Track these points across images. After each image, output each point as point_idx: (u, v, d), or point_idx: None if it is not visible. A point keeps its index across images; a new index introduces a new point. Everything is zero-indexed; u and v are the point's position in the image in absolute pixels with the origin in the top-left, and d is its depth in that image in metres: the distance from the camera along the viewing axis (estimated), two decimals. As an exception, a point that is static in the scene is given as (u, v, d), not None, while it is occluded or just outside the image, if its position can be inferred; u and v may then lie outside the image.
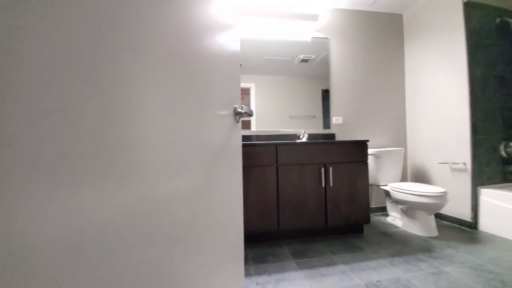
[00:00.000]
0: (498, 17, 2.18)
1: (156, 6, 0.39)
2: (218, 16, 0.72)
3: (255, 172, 1.76)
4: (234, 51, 0.92)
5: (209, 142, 0.62)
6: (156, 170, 0.39)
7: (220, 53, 0.73)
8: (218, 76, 0.71)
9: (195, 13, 0.55)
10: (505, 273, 1.38)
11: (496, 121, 2.14)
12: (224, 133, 0.75)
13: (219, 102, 0.71)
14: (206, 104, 0.60)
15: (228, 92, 0.81)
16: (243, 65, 2.36)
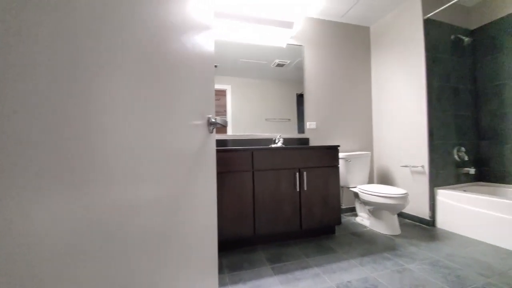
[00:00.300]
0: (453, 34, 2.40)
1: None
2: (192, 16, 0.69)
3: (231, 177, 1.73)
4: (208, 57, 0.89)
5: (181, 152, 0.59)
6: (121, 177, 0.35)
7: (193, 59, 0.70)
8: (191, 83, 0.68)
9: (167, 11, 0.52)
10: (460, 268, 1.51)
11: (450, 128, 2.35)
12: (197, 143, 0.72)
13: (192, 111, 0.68)
14: (177, 112, 0.57)
15: (201, 101, 0.78)
16: (219, 66, 2.33)
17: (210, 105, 0.89)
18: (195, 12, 0.73)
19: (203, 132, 0.79)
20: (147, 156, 0.43)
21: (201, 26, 0.79)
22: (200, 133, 0.75)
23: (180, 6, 0.60)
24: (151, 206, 0.45)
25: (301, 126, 2.61)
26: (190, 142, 0.66)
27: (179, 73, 0.58)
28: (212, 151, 0.88)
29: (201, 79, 0.78)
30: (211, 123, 0.83)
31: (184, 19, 0.63)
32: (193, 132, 0.68)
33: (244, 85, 2.43)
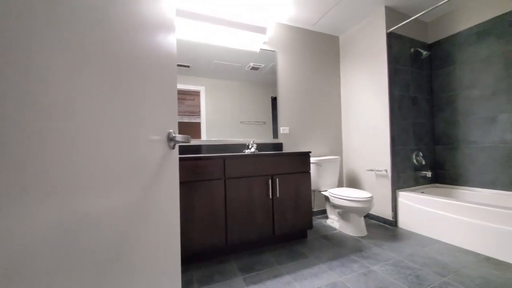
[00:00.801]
0: (413, 47, 2.56)
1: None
2: (149, 15, 0.62)
3: (202, 186, 1.66)
4: (170, 62, 0.82)
5: (132, 174, 0.53)
6: (74, 187, 0.32)
7: (150, 63, 0.63)
8: (146, 92, 0.62)
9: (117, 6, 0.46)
10: (420, 268, 1.60)
11: (409, 134, 2.49)
12: (154, 162, 0.65)
13: (147, 125, 0.61)
14: (128, 125, 0.50)
15: (159, 112, 0.71)
16: (192, 67, 2.23)
17: (171, 117, 0.83)
18: (153, 9, 0.66)
19: (162, 148, 0.72)
20: (88, 177, 0.37)
21: (160, 27, 0.72)
22: (157, 151, 0.68)
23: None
24: (101, 220, 0.39)
25: (276, 129, 2.61)
26: (144, 161, 0.59)
27: (130, 79, 0.52)
28: (174, 169, 0.81)
29: (160, 86, 0.71)
30: (171, 138, 0.77)
31: (140, 17, 0.56)
32: (148, 150, 0.61)
33: (219, 87, 2.36)
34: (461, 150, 2.45)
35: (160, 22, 0.72)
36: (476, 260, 1.67)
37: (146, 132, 0.60)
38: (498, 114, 2.15)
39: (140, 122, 0.57)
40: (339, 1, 2.31)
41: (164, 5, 0.77)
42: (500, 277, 1.46)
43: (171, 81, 0.83)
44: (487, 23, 2.21)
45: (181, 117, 2.19)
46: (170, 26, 0.82)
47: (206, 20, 2.10)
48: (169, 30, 0.82)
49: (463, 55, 2.40)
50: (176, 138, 0.73)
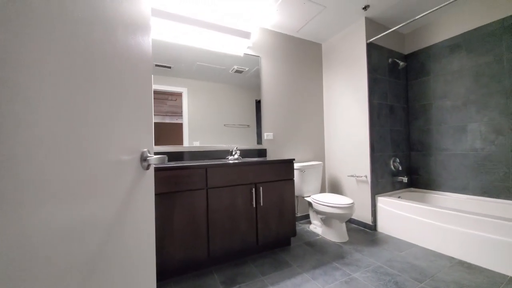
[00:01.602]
0: (391, 58, 2.61)
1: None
2: (120, 12, 0.54)
3: (183, 197, 1.56)
4: (144, 69, 0.74)
5: (97, 200, 0.44)
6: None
7: (124, 74, 0.55)
8: (118, 105, 0.53)
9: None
10: (398, 274, 1.60)
11: (386, 141, 2.54)
12: (123, 186, 0.57)
13: (116, 142, 0.52)
14: (88, 142, 0.41)
15: (133, 129, 0.62)
16: (173, 67, 2.11)
17: (146, 134, 0.74)
18: (123, 8, 0.57)
19: (134, 170, 0.63)
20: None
21: (134, 28, 0.63)
22: (128, 173, 0.59)
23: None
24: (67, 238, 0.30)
25: (260, 133, 2.55)
26: (110, 187, 0.50)
27: (93, 88, 0.43)
28: (147, 193, 0.72)
29: (133, 97, 0.63)
30: (145, 158, 0.68)
31: (110, 16, 0.48)
32: (115, 172, 0.52)
33: (202, 89, 2.25)
34: (434, 156, 2.53)
35: (134, 23, 0.64)
36: (450, 264, 1.71)
37: (113, 152, 0.51)
38: (468, 123, 2.24)
39: (106, 140, 0.48)
40: (322, 10, 2.30)
41: (138, 6, 0.68)
42: (472, 281, 1.50)
43: (145, 91, 0.74)
44: (459, 37, 2.30)
45: (163, 118, 2.06)
46: (145, 28, 0.73)
47: (187, 22, 1.99)
48: (144, 32, 0.73)
49: (437, 66, 2.49)
50: (150, 161, 0.64)
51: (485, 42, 2.11)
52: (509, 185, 1.99)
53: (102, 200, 0.46)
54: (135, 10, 0.66)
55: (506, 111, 2.00)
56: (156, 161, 0.65)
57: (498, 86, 2.04)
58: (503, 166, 2.02)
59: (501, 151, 2.03)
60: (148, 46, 0.76)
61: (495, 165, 2.07)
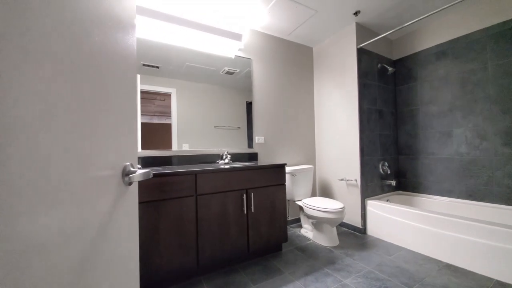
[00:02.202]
0: (380, 63, 2.62)
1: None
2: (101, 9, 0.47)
3: (170, 205, 1.48)
4: (129, 75, 0.67)
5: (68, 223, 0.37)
6: None
7: (104, 78, 0.48)
8: (97, 113, 0.47)
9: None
10: (388, 279, 1.59)
11: (376, 145, 2.55)
12: (102, 206, 0.50)
13: (94, 155, 0.46)
14: (60, 156, 0.35)
15: (114, 141, 0.56)
16: (162, 67, 2.02)
17: (130, 145, 0.67)
18: (105, 6, 0.51)
19: (114, 186, 0.56)
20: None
21: (117, 27, 0.57)
22: (106, 190, 0.52)
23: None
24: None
25: (250, 135, 2.49)
26: (85, 206, 0.44)
27: (68, 93, 0.36)
28: (131, 210, 0.65)
29: (114, 102, 0.56)
30: (127, 173, 0.61)
31: (89, 14, 0.41)
32: (91, 190, 0.45)
33: (191, 89, 2.17)
34: (421, 160, 2.56)
35: (117, 21, 0.57)
36: (438, 267, 1.72)
37: (90, 167, 0.44)
38: (454, 129, 2.28)
39: (83, 153, 0.41)
40: (314, 15, 2.28)
41: (121, 3, 0.61)
42: (460, 284, 1.51)
43: (129, 96, 0.67)
44: (445, 44, 2.34)
45: (151, 118, 1.97)
46: (129, 26, 0.66)
47: (176, 22, 1.91)
48: (128, 30, 0.66)
49: (424, 72, 2.52)
50: (133, 178, 0.57)
51: (470, 49, 2.16)
52: (493, 189, 2.03)
53: (76, 221, 0.39)
54: (118, 8, 0.59)
55: (490, 117, 2.04)
56: (139, 177, 0.59)
57: (482, 92, 2.08)
58: (487, 171, 2.06)
59: (485, 156, 2.07)
60: (132, 45, 0.69)
61: (480, 169, 2.11)
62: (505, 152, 1.96)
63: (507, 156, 1.95)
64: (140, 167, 1.80)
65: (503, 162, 1.97)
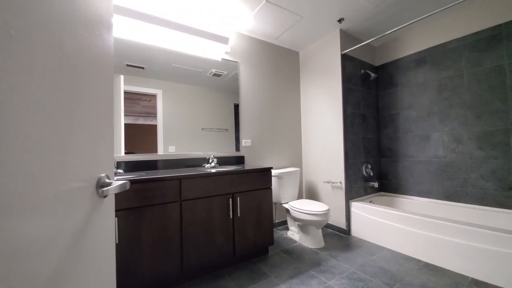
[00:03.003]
0: (363, 69, 2.68)
1: None
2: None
3: (153, 212, 1.44)
4: (106, 71, 0.64)
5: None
6: None
7: (76, 79, 0.45)
8: (69, 117, 0.44)
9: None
10: (370, 279, 1.62)
11: (359, 148, 2.60)
12: (72, 222, 0.47)
13: (65, 166, 0.43)
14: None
15: (87, 149, 0.53)
16: (146, 68, 1.96)
17: (105, 153, 0.63)
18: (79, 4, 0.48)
19: (87, 200, 0.53)
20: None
21: (92, 23, 0.54)
22: (78, 204, 0.49)
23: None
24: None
25: (238, 137, 2.47)
26: (53, 221, 0.40)
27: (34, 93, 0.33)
28: (106, 227, 0.62)
29: (88, 107, 0.53)
30: (102, 184, 0.58)
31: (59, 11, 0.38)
32: (60, 203, 0.42)
33: (178, 91, 2.13)
34: (402, 163, 2.64)
35: (92, 20, 0.54)
36: (417, 267, 1.77)
37: (58, 179, 0.41)
38: (432, 133, 2.37)
39: (52, 164, 0.38)
40: (299, 20, 2.30)
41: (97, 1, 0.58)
42: (438, 283, 1.56)
43: (106, 101, 0.64)
44: (424, 52, 2.43)
45: (136, 118, 1.91)
46: (105, 25, 0.63)
47: (161, 24, 1.86)
48: (104, 29, 0.63)
49: (404, 78, 2.61)
50: (108, 191, 0.54)
51: (447, 57, 2.25)
52: (468, 190, 2.12)
53: (45, 235, 0.36)
54: (93, 6, 0.56)
55: (465, 122, 2.13)
56: (115, 190, 0.56)
57: (458, 99, 2.18)
58: (463, 173, 2.16)
59: (461, 159, 2.16)
60: (109, 45, 0.66)
61: (456, 172, 2.20)
62: (479, 155, 2.05)
63: (481, 159, 2.04)
64: (122, 172, 1.74)
65: (477, 164, 2.07)
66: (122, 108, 1.85)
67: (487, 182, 2.01)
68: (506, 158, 1.91)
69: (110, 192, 0.55)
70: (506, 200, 1.91)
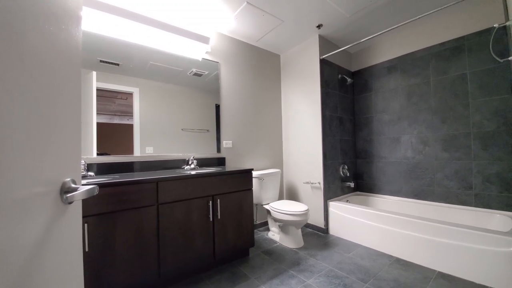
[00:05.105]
0: (340, 74, 2.78)
1: None
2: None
3: (128, 216, 1.36)
4: (72, 66, 0.59)
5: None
6: None
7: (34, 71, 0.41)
8: (26, 115, 0.39)
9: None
10: (347, 276, 1.67)
11: (336, 150, 2.68)
12: (35, 228, 0.42)
13: (23, 169, 0.38)
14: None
15: (50, 150, 0.48)
16: (122, 65, 1.85)
17: (71, 155, 0.58)
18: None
19: (50, 207, 0.48)
20: None
21: (56, 14, 0.49)
22: (37, 212, 0.44)
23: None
24: None
25: (219, 138, 2.43)
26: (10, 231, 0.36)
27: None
28: (72, 235, 0.56)
29: (50, 104, 0.48)
30: (67, 190, 0.53)
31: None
32: (20, 211, 0.38)
33: (156, 89, 2.03)
34: (375, 163, 2.77)
35: (56, 10, 0.49)
36: (389, 262, 1.86)
37: (18, 183, 0.37)
38: (402, 135, 2.51)
39: (8, 167, 0.34)
40: (280, 24, 2.32)
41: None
42: (408, 277, 1.64)
43: (72, 99, 0.58)
44: (395, 60, 2.57)
45: (111, 117, 1.80)
46: (72, 18, 0.58)
47: (137, 19, 1.76)
48: (71, 22, 0.57)
49: (377, 84, 2.74)
50: (74, 197, 0.49)
51: (415, 66, 2.40)
52: (434, 189, 2.28)
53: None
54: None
55: (431, 126, 2.29)
56: (81, 196, 0.51)
57: (425, 104, 2.33)
58: (429, 173, 2.31)
59: (428, 160, 2.32)
60: (76, 40, 0.60)
61: (423, 172, 2.35)
62: (444, 156, 2.21)
63: (446, 160, 2.20)
64: (93, 175, 1.62)
65: (442, 165, 2.22)
66: (94, 106, 1.73)
67: (451, 182, 2.17)
68: (467, 159, 2.07)
69: (75, 198, 0.51)
70: (468, 198, 2.08)
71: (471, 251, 1.55)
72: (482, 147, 1.99)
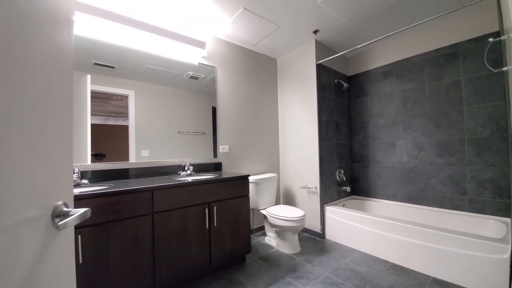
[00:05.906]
0: (336, 79, 2.79)
1: None
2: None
3: (123, 226, 1.34)
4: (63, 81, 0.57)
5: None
6: None
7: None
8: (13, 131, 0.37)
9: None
10: (343, 283, 1.67)
11: (333, 154, 2.69)
12: (25, 256, 0.40)
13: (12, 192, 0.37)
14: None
15: (40, 171, 0.46)
16: (117, 68, 1.83)
17: (63, 174, 0.57)
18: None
19: (39, 233, 0.46)
20: None
21: (48, 18, 0.47)
22: (27, 238, 0.43)
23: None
24: None
25: (216, 141, 2.41)
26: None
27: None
28: (65, 262, 0.55)
29: (41, 120, 0.46)
30: (60, 214, 0.51)
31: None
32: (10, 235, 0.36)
33: (152, 92, 2.01)
34: (371, 168, 2.79)
35: (48, 15, 0.47)
36: (385, 268, 1.87)
37: (5, 208, 0.35)
38: (397, 140, 2.53)
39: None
40: (277, 29, 2.32)
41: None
42: (404, 284, 1.65)
43: (64, 111, 0.57)
44: (390, 65, 2.59)
45: (106, 118, 1.77)
46: (64, 23, 0.57)
47: (133, 25, 1.75)
48: (63, 27, 0.56)
49: (373, 89, 2.76)
50: (66, 224, 0.48)
51: (410, 71, 2.42)
52: (429, 194, 2.30)
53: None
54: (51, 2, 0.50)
55: (426, 131, 2.31)
56: (74, 221, 0.50)
57: (420, 109, 2.35)
58: (424, 178, 2.33)
59: (422, 165, 2.34)
60: (68, 45, 0.58)
61: (418, 177, 2.37)
62: (438, 162, 2.23)
63: (440, 165, 2.22)
64: (87, 183, 1.60)
65: (436, 170, 2.25)
66: (89, 110, 1.70)
67: (445, 187, 2.19)
68: (461, 164, 2.10)
69: (68, 225, 0.49)
70: (462, 203, 2.10)
71: (466, 258, 1.56)
72: (476, 153, 2.01)
